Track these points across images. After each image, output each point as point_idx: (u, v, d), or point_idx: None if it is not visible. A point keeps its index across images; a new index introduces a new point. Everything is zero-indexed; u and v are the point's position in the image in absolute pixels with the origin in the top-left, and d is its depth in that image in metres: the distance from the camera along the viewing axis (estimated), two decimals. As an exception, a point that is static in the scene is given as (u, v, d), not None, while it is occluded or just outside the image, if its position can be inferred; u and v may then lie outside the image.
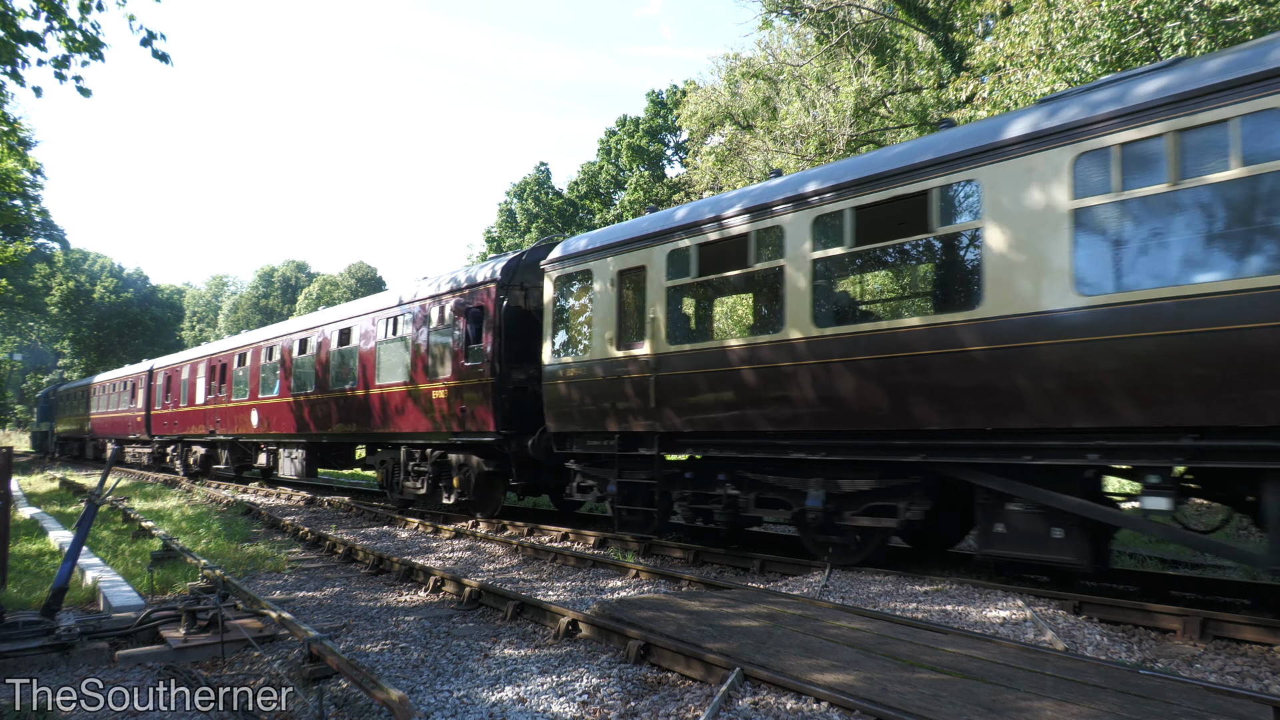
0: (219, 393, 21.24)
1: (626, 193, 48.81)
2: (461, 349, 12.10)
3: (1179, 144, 5.72)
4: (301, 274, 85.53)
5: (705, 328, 11.78)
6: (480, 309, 11.87)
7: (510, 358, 11.56)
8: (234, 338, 23.06)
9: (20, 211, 35.64)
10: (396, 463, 14.08)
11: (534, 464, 11.54)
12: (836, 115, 22.08)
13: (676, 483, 9.45)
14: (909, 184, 7.10)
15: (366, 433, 14.57)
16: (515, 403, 11.53)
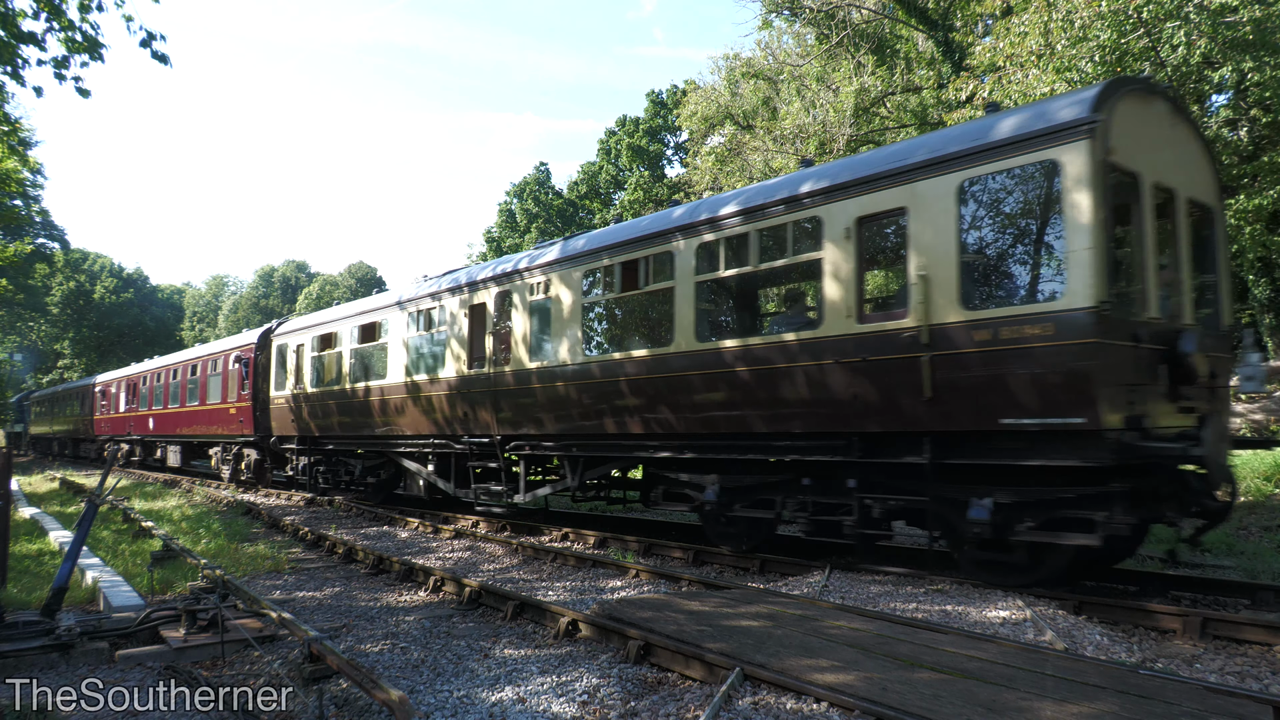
0: (132, 404, 28.48)
1: (626, 193, 48.79)
2: (239, 384, 19.79)
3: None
4: (301, 274, 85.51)
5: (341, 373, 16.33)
6: (246, 360, 19.58)
7: (263, 389, 18.88)
8: (139, 364, 30.27)
9: (20, 211, 35.61)
10: (223, 455, 21.91)
11: (280, 455, 19.26)
12: (836, 115, 22.08)
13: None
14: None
15: (210, 436, 22.05)
16: (266, 417, 18.62)
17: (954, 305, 6.63)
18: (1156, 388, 6.45)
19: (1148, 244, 6.60)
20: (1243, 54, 11.39)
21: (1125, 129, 6.41)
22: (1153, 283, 6.63)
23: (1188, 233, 7.16)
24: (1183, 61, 12.04)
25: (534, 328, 11.00)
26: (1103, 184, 6.07)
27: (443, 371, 12.51)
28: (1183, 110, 7.51)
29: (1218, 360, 7.10)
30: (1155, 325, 6.47)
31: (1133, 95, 6.63)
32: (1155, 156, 6.86)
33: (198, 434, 22.49)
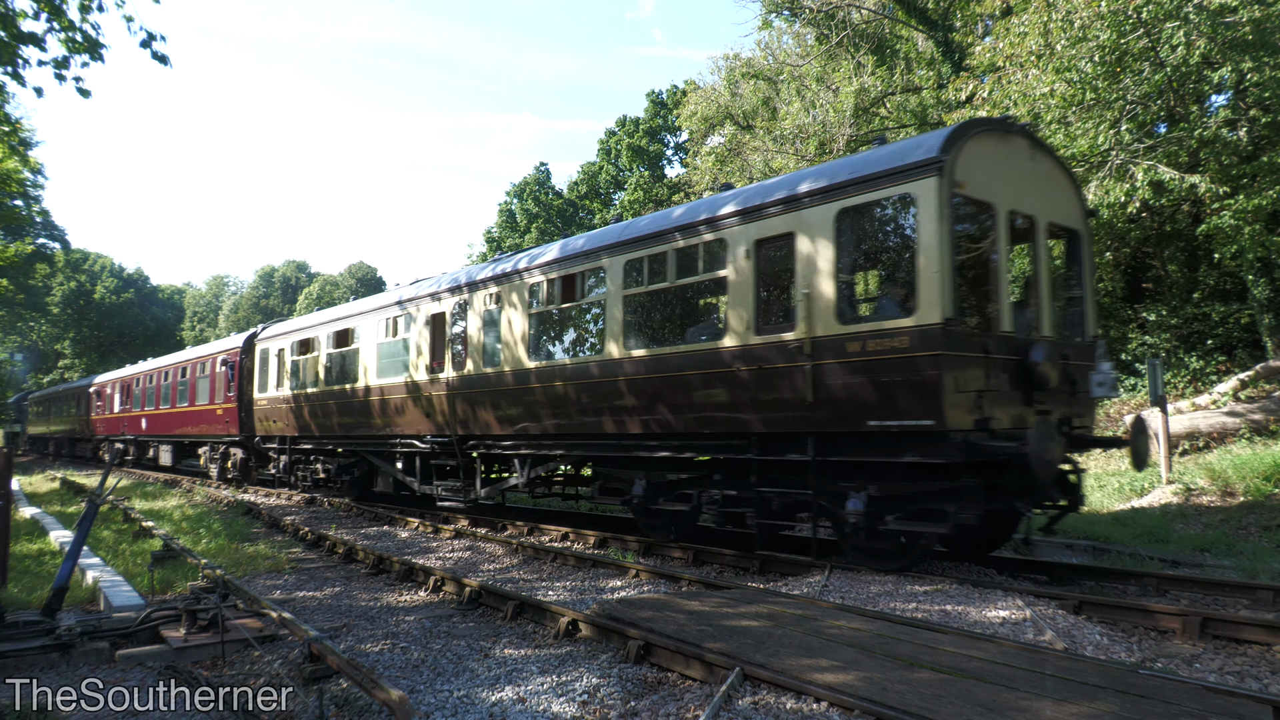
0: (126, 405, 28.91)
1: (626, 193, 48.79)
2: (225, 386, 20.24)
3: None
4: (301, 274, 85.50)
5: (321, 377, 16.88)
6: (232, 363, 19.99)
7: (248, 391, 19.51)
8: (133, 366, 30.82)
9: (21, 211, 35.61)
10: (210, 454, 22.61)
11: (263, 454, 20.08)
12: (836, 115, 22.09)
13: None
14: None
15: (199, 436, 22.64)
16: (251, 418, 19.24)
17: (831, 320, 7.45)
18: (1008, 393, 7.24)
19: (1002, 263, 7.41)
20: (1242, 54, 11.40)
21: (976, 165, 7.23)
22: (1006, 299, 7.40)
23: (1046, 254, 7.98)
24: (1182, 61, 12.04)
25: (486, 335, 11.71)
26: (948, 215, 6.90)
27: (407, 375, 13.28)
28: (1042, 145, 8.34)
29: (1079, 368, 7.90)
30: (1007, 338, 7.26)
31: (983, 135, 7.49)
32: (1012, 187, 7.68)
33: (187, 434, 23.17)
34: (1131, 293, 17.97)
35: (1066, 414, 7.83)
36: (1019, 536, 9.05)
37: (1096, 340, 8.48)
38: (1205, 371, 15.22)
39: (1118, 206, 12.58)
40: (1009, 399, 7.24)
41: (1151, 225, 16.53)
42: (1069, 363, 7.78)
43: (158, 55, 8.55)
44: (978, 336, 7.13)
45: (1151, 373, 11.85)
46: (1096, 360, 8.24)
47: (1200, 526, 9.89)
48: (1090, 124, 12.91)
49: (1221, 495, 10.72)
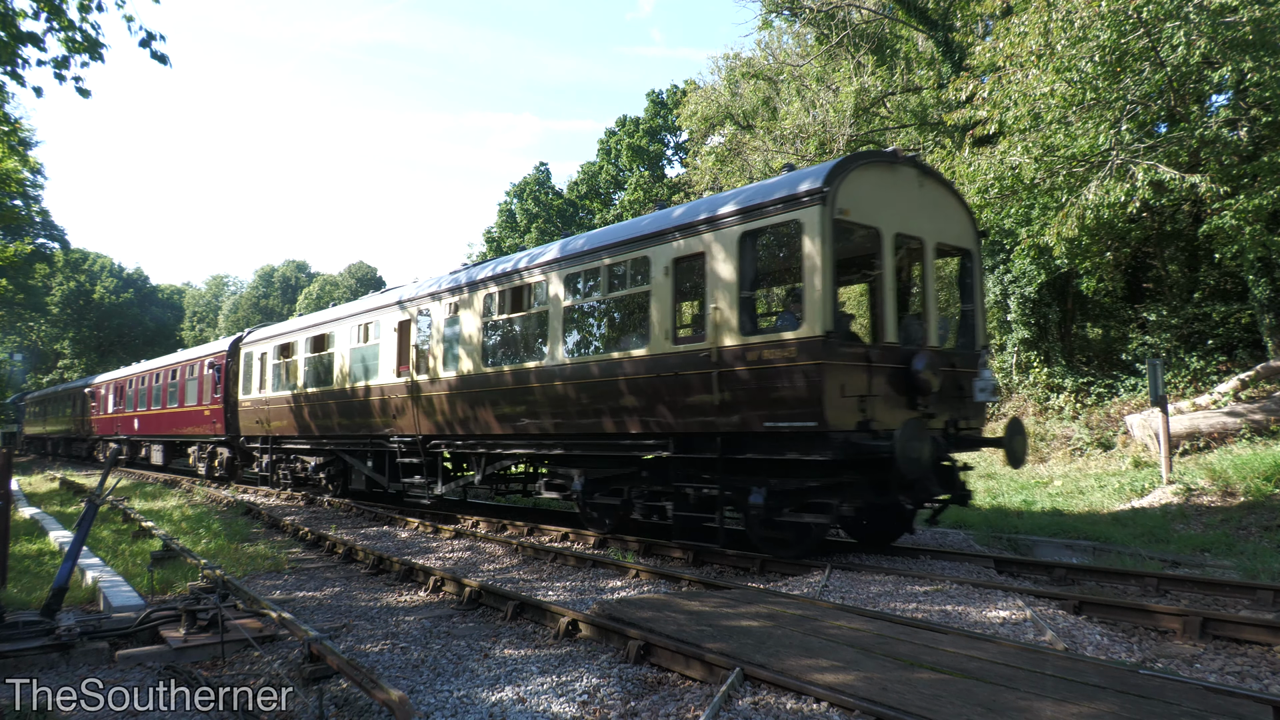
0: (119, 406, 29.54)
1: (626, 193, 48.78)
2: (213, 387, 21.03)
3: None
4: (301, 274, 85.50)
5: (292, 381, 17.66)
6: (219, 366, 20.73)
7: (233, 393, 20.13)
8: (126, 368, 31.14)
9: (20, 211, 35.60)
10: (199, 453, 23.36)
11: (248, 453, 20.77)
12: (836, 115, 22.09)
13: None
14: None
15: (188, 436, 23.35)
16: (236, 419, 19.96)
17: (734, 331, 8.15)
18: (893, 398, 8.00)
19: (887, 283, 8.12)
20: (1243, 54, 11.39)
21: (860, 194, 7.99)
22: (890, 313, 8.16)
23: (934, 272, 8.84)
24: (1183, 61, 12.04)
25: (446, 342, 12.48)
26: (830, 239, 7.64)
27: (377, 379, 14.12)
28: (932, 173, 9.09)
29: (966, 375, 8.77)
30: (891, 348, 8.02)
31: (868, 166, 8.24)
32: (899, 213, 8.45)
33: (177, 434, 23.95)
34: (1132, 293, 17.97)
35: (953, 416, 8.62)
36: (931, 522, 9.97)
37: (984, 350, 9.22)
38: (1206, 371, 15.22)
39: (1118, 206, 12.58)
40: (893, 403, 8.02)
41: (1152, 225, 16.52)
42: (956, 370, 8.63)
43: (157, 55, 8.55)
44: (860, 346, 7.97)
45: (1152, 373, 11.85)
46: (979, 368, 8.94)
47: (1200, 526, 9.88)
48: (1090, 124, 12.90)
49: (1222, 495, 10.71)
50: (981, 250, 9.68)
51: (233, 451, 21.14)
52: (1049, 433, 16.45)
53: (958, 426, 8.68)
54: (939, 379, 8.11)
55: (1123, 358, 17.08)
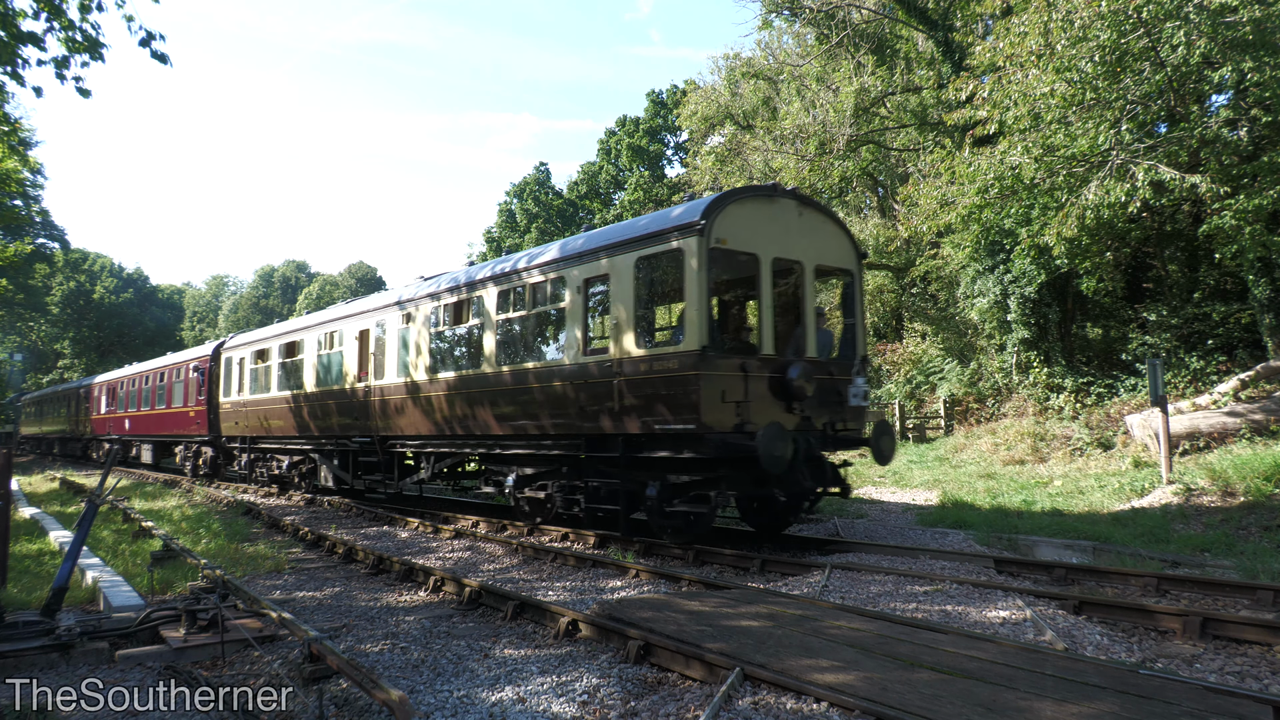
0: (111, 407, 30.37)
1: (626, 193, 48.76)
2: (197, 390, 21.85)
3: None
4: (301, 274, 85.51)
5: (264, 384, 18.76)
6: (203, 369, 21.58)
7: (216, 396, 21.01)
8: (118, 371, 32.21)
9: (20, 211, 35.60)
10: (185, 452, 24.19)
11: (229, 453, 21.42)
12: (836, 115, 22.08)
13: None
14: None
15: (175, 436, 24.24)
16: (218, 420, 20.82)
17: (632, 344, 9.11)
18: (771, 403, 8.95)
19: (764, 301, 9.16)
20: (1243, 54, 11.39)
21: (738, 224, 8.98)
22: (768, 327, 9.18)
23: (813, 292, 9.84)
24: (1183, 61, 12.03)
25: (399, 350, 13.42)
26: (706, 266, 8.60)
27: (341, 383, 15.14)
28: (812, 203, 10.09)
29: (843, 382, 9.82)
30: (768, 359, 9.03)
31: (746, 200, 9.26)
32: (778, 240, 9.42)
33: (165, 434, 24.98)
34: (1132, 293, 17.97)
35: (831, 419, 9.57)
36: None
37: (864, 360, 10.26)
38: (1206, 371, 15.21)
39: (1118, 206, 12.57)
40: (771, 407, 8.96)
41: (1152, 225, 16.52)
42: (834, 378, 9.68)
43: (157, 54, 8.54)
44: (737, 358, 8.86)
45: (1152, 373, 11.85)
46: (854, 376, 9.97)
47: (1200, 526, 9.88)
48: (1090, 124, 12.90)
49: (1222, 495, 10.71)
50: (862, 271, 10.79)
51: (215, 451, 21.92)
52: (1049, 433, 16.44)
53: (835, 428, 9.59)
54: (812, 386, 9.09)
55: (1123, 358, 17.08)
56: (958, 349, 22.29)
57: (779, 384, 8.98)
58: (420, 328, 12.89)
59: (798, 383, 8.92)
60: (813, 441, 9.06)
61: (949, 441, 19.06)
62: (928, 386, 22.82)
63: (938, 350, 23.18)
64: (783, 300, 10.45)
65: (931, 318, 23.99)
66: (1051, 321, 17.72)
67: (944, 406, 20.86)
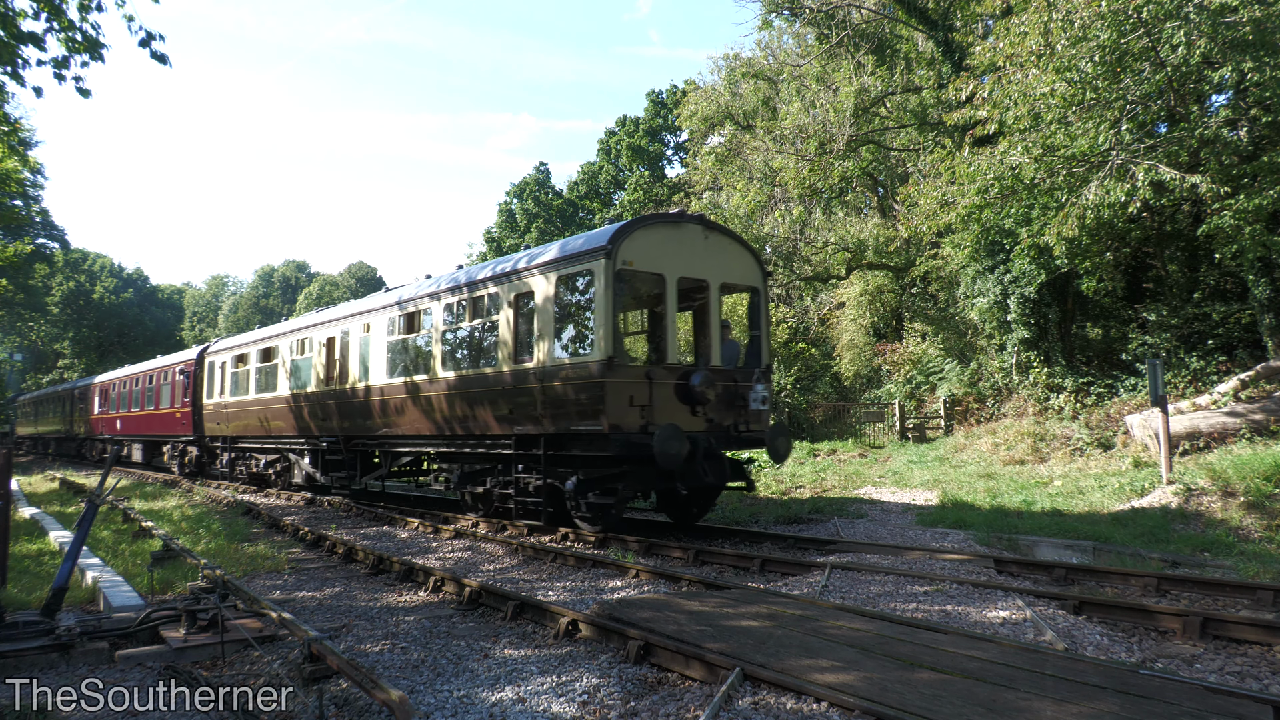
0: (104, 408, 31.34)
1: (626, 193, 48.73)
2: (183, 392, 22.77)
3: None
4: (301, 274, 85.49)
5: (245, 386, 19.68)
6: (188, 372, 22.37)
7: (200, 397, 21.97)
8: (110, 373, 33.03)
9: (20, 211, 35.58)
10: (172, 451, 24.87)
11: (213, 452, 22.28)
12: (836, 115, 22.07)
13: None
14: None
15: (163, 435, 25.20)
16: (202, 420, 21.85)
17: (552, 353, 10.14)
18: (677, 406, 10.01)
19: (670, 316, 10.28)
20: (1243, 54, 11.38)
21: (644, 248, 10.01)
22: (671, 339, 10.38)
23: (718, 307, 10.84)
24: (1183, 61, 12.03)
25: (361, 357, 14.49)
26: (613, 286, 9.58)
27: (310, 387, 16.19)
28: (717, 227, 11.13)
29: (745, 388, 10.72)
30: (672, 367, 10.18)
31: (653, 226, 10.31)
32: (684, 261, 10.47)
33: (154, 434, 26.00)
34: (1132, 293, 17.97)
35: (734, 421, 10.56)
36: None
37: (767, 369, 11.24)
38: (1206, 371, 15.21)
39: (1118, 206, 12.57)
40: (677, 411, 9.99)
41: (1152, 225, 16.52)
42: (738, 384, 10.64)
43: (157, 55, 8.54)
44: (641, 367, 10.06)
45: (1152, 373, 11.85)
46: (754, 383, 10.85)
47: (1201, 526, 9.88)
48: (1090, 124, 12.89)
49: (1222, 495, 10.71)
50: (767, 287, 11.70)
51: (200, 450, 22.83)
52: (1049, 433, 16.44)
53: (738, 429, 10.54)
54: (714, 392, 10.16)
55: (1123, 358, 17.08)
56: (958, 349, 22.29)
57: (684, 390, 10.06)
58: (380, 336, 13.98)
59: (699, 389, 9.99)
60: (713, 441, 10.06)
61: (949, 441, 19.06)
62: (928, 386, 22.82)
63: (938, 350, 23.17)
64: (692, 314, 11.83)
65: (931, 318, 23.99)
66: (1051, 321, 17.72)
67: (944, 406, 20.87)
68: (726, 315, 12.22)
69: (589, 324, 9.91)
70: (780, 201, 26.65)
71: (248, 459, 20.13)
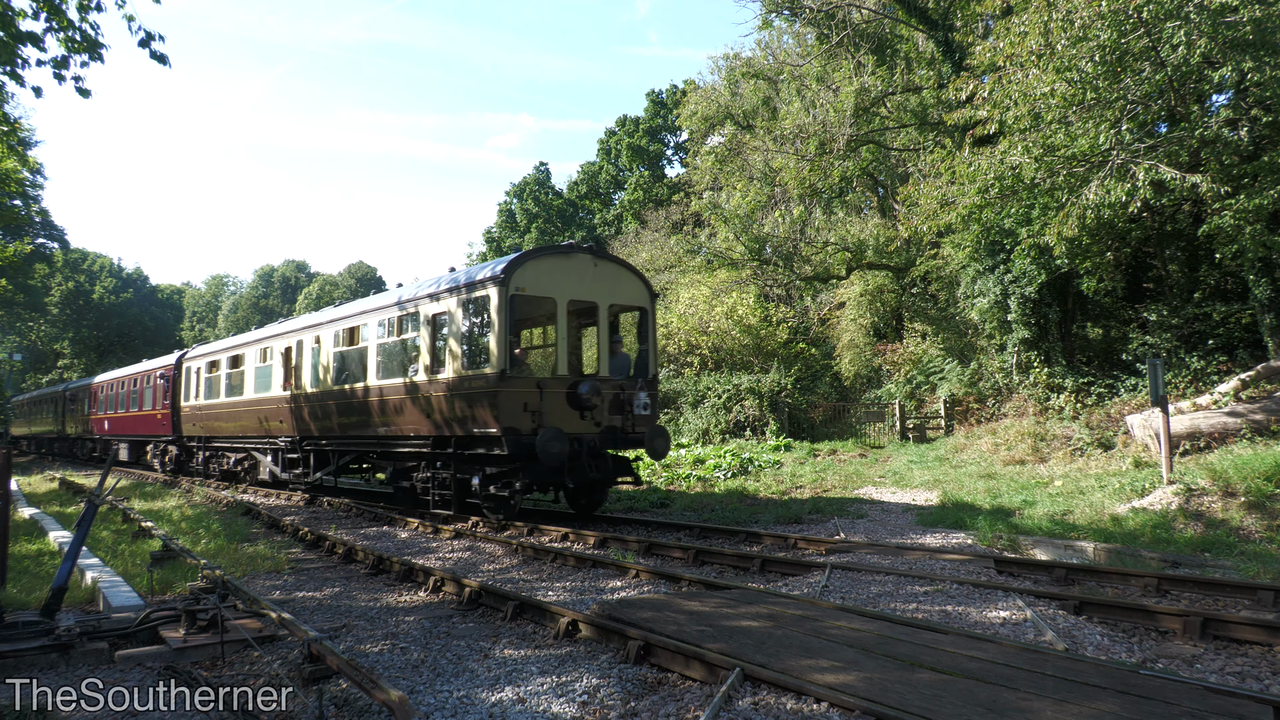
0: (93, 409, 32.66)
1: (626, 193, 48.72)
2: (163, 395, 24.22)
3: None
4: (301, 274, 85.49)
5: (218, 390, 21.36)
6: (168, 376, 24.01)
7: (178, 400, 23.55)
8: (99, 375, 34.73)
9: (20, 211, 35.58)
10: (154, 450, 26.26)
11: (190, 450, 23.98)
12: (836, 115, 22.07)
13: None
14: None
15: (146, 436, 26.69)
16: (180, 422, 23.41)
17: (461, 366, 11.65)
18: (567, 412, 11.48)
19: (561, 333, 11.97)
20: (1243, 54, 11.38)
21: (536, 275, 11.57)
22: (563, 353, 11.98)
23: (608, 326, 12.39)
24: (1183, 61, 12.02)
25: (313, 365, 16.07)
26: (507, 309, 11.09)
27: (270, 392, 17.77)
28: (606, 256, 12.76)
29: (630, 396, 12.15)
30: (562, 378, 11.71)
31: (544, 257, 11.95)
32: (574, 286, 12.02)
33: (138, 434, 27.50)
34: (1132, 293, 17.96)
35: (621, 424, 11.95)
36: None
37: (653, 378, 12.64)
38: (1206, 371, 15.20)
39: (1119, 206, 12.56)
40: (567, 415, 11.47)
41: (1152, 225, 16.51)
42: (624, 392, 12.07)
43: (156, 55, 8.54)
44: (534, 377, 11.64)
45: (1152, 373, 11.83)
46: (639, 391, 12.25)
47: (1201, 526, 9.88)
48: (1091, 124, 12.88)
49: (1222, 495, 10.70)
50: (654, 307, 13.17)
51: (179, 449, 24.35)
52: (1049, 433, 16.43)
53: (625, 431, 11.97)
54: (599, 399, 11.65)
55: (1123, 358, 17.07)
56: (958, 349, 22.28)
57: (573, 397, 11.54)
58: (328, 348, 15.60)
59: (586, 396, 11.50)
60: (598, 441, 11.52)
61: (949, 442, 19.06)
62: (928, 386, 22.81)
63: (938, 350, 23.17)
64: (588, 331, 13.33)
65: (932, 318, 23.98)
66: (1052, 321, 17.71)
67: (944, 406, 20.86)
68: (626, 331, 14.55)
69: (488, 341, 11.40)
70: (780, 201, 26.66)
71: (220, 457, 21.58)
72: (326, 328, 15.65)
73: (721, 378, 24.39)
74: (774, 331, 28.63)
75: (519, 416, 10.97)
